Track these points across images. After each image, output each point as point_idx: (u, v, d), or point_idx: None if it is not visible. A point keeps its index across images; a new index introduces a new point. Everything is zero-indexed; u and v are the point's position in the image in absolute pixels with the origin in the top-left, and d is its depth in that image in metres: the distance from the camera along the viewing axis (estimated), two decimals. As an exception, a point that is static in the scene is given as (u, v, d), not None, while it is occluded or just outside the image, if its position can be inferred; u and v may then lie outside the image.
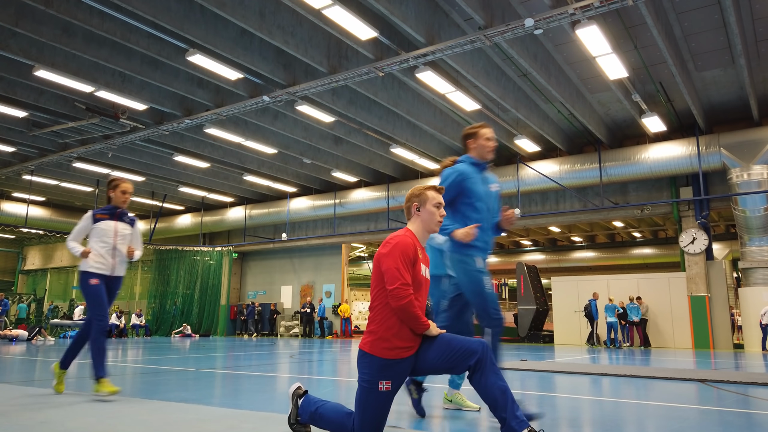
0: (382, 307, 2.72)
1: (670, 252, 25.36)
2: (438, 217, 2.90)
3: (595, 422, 3.71)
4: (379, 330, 2.69)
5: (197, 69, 11.01)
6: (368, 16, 9.16)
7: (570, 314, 17.14)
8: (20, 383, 5.42)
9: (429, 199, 2.90)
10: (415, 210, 2.92)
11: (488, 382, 2.59)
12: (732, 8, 8.57)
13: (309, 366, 8.22)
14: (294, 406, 2.95)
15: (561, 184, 15.58)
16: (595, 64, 10.33)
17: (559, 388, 5.62)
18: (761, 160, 13.15)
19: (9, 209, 21.51)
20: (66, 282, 28.95)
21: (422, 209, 2.91)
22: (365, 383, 2.66)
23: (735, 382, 5.95)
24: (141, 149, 16.21)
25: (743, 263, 14.43)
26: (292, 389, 3.02)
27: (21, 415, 3.52)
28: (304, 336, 21.23)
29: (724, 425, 3.58)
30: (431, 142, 15.78)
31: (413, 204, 2.93)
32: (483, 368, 2.61)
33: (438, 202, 2.91)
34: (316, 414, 2.83)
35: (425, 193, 2.92)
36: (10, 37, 10.12)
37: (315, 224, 22.13)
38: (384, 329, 2.68)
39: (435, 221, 2.90)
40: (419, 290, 2.77)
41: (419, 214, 2.91)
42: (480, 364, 2.61)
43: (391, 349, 2.65)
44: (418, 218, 2.91)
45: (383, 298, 2.71)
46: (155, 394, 4.69)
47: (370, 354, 2.66)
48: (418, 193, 2.94)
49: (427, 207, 2.90)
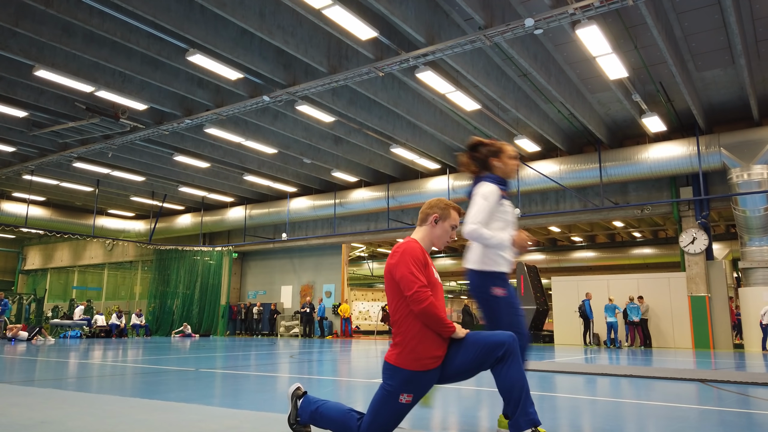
0: (404, 317, 2.65)
1: (670, 252, 25.36)
2: (449, 238, 2.89)
3: (595, 422, 3.71)
4: (405, 341, 2.62)
5: (197, 69, 11.01)
6: (368, 16, 9.16)
7: (570, 314, 17.13)
8: (20, 383, 5.42)
9: (450, 218, 2.87)
10: (433, 221, 2.87)
11: (509, 374, 2.56)
12: (732, 8, 8.57)
13: (309, 366, 8.22)
14: (293, 407, 2.93)
15: (561, 184, 15.58)
16: (595, 64, 10.33)
17: (559, 388, 5.62)
18: (761, 160, 13.15)
19: (9, 209, 21.52)
20: (66, 282, 28.98)
21: (440, 223, 2.87)
22: (387, 389, 2.63)
23: (735, 382, 5.95)
24: (141, 149, 16.21)
25: (743, 263, 14.43)
26: (291, 390, 2.99)
27: (21, 415, 3.52)
28: (304, 336, 21.23)
29: (724, 425, 3.58)
30: (431, 142, 15.78)
31: (434, 214, 2.87)
32: (508, 359, 2.56)
33: (456, 224, 2.89)
34: (316, 413, 2.80)
35: (450, 210, 2.88)
36: (10, 37, 10.12)
37: (315, 224, 22.13)
38: (410, 339, 2.61)
39: (444, 240, 2.88)
40: (436, 293, 2.72)
41: (435, 226, 2.87)
42: (507, 355, 2.56)
43: (418, 359, 2.59)
44: (432, 230, 2.87)
45: (404, 308, 2.64)
46: (155, 394, 4.69)
47: (396, 366, 2.62)
48: (443, 206, 2.89)
49: (445, 224, 2.87)
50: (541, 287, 20.14)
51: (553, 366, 7.94)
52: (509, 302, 3.20)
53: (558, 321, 17.57)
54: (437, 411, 4.02)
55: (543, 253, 29.50)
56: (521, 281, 19.23)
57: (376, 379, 6.40)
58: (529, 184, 16.05)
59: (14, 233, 25.47)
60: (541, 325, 19.35)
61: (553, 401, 4.64)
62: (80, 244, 28.10)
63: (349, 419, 2.69)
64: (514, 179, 3.11)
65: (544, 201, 17.39)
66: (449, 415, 3.95)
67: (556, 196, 17.20)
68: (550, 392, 5.25)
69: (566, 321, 17.26)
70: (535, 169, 15.67)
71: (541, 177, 15.64)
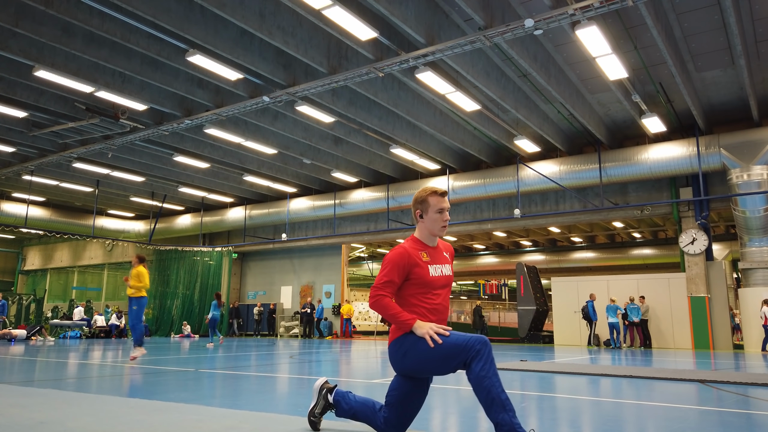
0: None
1: (670, 252, 25.36)
2: (441, 223, 2.93)
3: (596, 423, 3.71)
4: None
5: (197, 69, 11.01)
6: (368, 16, 9.16)
7: (570, 315, 17.13)
8: (20, 383, 5.42)
9: (431, 207, 2.92)
10: (418, 216, 2.97)
11: (484, 377, 2.53)
12: (732, 9, 8.57)
13: (309, 366, 8.21)
14: (322, 399, 3.13)
15: (561, 185, 15.58)
16: (595, 64, 10.33)
17: (559, 388, 5.61)
18: (761, 160, 13.15)
19: (9, 209, 21.51)
20: (66, 282, 28.96)
21: (425, 216, 2.94)
22: (402, 358, 2.86)
23: (735, 383, 5.95)
24: (141, 149, 16.21)
25: (743, 264, 14.43)
26: (318, 384, 3.20)
27: (20, 416, 3.51)
28: (304, 336, 21.23)
29: (723, 426, 3.58)
30: (431, 143, 15.78)
31: (417, 211, 2.98)
32: (479, 362, 2.55)
33: (440, 207, 2.92)
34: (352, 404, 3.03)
35: (427, 200, 2.94)
36: (10, 37, 10.12)
37: (315, 224, 22.13)
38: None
39: (438, 227, 2.93)
40: (430, 289, 2.84)
41: (423, 220, 2.95)
42: (479, 356, 2.55)
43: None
44: (422, 224, 2.96)
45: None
46: (155, 395, 4.69)
47: (396, 339, 2.85)
48: (421, 199, 2.96)
49: (430, 214, 2.93)
50: (541, 288, 20.16)
51: (552, 366, 7.94)
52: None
53: (558, 321, 17.57)
54: (437, 411, 4.02)
55: (543, 254, 29.51)
56: (521, 282, 19.24)
57: (376, 379, 6.39)
58: (528, 185, 16.05)
59: (14, 233, 25.46)
60: (541, 325, 19.36)
61: (552, 402, 4.64)
62: (80, 244, 28.09)
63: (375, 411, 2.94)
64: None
65: (543, 201, 17.40)
66: (449, 415, 3.94)
67: (556, 197, 17.20)
68: (550, 392, 5.25)
69: (566, 321, 17.26)
70: (534, 169, 15.67)
71: (540, 177, 15.63)
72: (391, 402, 2.83)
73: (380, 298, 2.77)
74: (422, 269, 2.82)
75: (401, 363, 2.78)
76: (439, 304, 2.86)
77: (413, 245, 2.90)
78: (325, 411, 3.12)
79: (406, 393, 2.81)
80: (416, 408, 2.85)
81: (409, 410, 2.83)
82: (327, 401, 3.10)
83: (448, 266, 2.97)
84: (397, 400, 2.82)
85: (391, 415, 2.82)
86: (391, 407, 2.83)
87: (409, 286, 2.83)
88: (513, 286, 30.08)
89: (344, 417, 3.04)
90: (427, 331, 2.66)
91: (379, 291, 2.78)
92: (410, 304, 2.82)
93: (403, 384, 2.82)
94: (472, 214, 18.63)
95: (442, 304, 2.87)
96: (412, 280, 2.81)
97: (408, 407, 2.83)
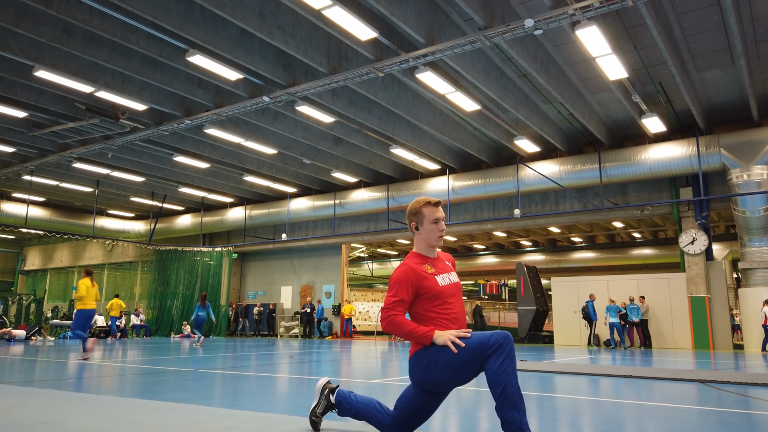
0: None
1: (670, 252, 25.36)
2: (437, 233, 2.90)
3: (596, 423, 3.71)
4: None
5: (197, 69, 11.00)
6: (368, 16, 9.16)
7: (570, 315, 17.13)
8: (19, 384, 5.42)
9: (425, 218, 2.90)
10: (413, 229, 2.95)
11: (502, 372, 2.53)
12: (732, 9, 8.57)
13: (309, 366, 8.21)
14: (324, 399, 3.11)
15: (561, 185, 15.58)
16: (595, 64, 10.32)
17: (559, 388, 5.61)
18: (761, 160, 13.15)
19: (9, 209, 21.51)
20: (66, 282, 28.97)
21: (421, 228, 2.92)
22: (425, 368, 2.83)
23: (735, 383, 5.95)
24: (141, 149, 16.21)
25: (743, 264, 14.43)
26: (320, 384, 3.18)
27: (20, 416, 3.51)
28: (304, 336, 21.23)
29: (723, 426, 3.58)
30: (431, 143, 15.78)
31: (412, 223, 2.95)
32: (500, 356, 2.53)
33: (435, 218, 2.90)
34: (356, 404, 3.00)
35: (421, 211, 2.91)
36: (10, 37, 10.12)
37: (315, 224, 22.13)
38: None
39: (435, 237, 2.90)
40: (444, 299, 2.80)
41: (419, 231, 2.93)
42: (500, 350, 2.53)
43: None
44: (419, 236, 2.94)
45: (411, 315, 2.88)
46: (155, 395, 4.69)
47: (417, 351, 2.81)
48: (415, 211, 2.94)
49: (425, 225, 2.91)
50: (541, 288, 20.15)
51: (552, 366, 7.94)
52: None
53: (558, 321, 17.56)
54: (437, 411, 4.02)
55: (543, 254, 29.50)
56: (521, 282, 19.24)
57: (376, 379, 6.39)
58: (528, 185, 16.05)
59: (14, 233, 25.46)
60: (541, 325, 19.35)
61: (553, 402, 4.64)
62: (80, 244, 28.10)
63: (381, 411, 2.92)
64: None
65: (543, 201, 17.39)
66: (449, 415, 3.94)
67: (556, 197, 17.20)
68: (550, 393, 5.25)
69: (566, 321, 17.25)
70: (534, 169, 15.67)
71: (540, 177, 15.63)
72: (402, 410, 2.82)
73: (393, 318, 2.73)
74: (430, 281, 2.80)
75: (423, 375, 2.72)
76: (457, 313, 2.82)
77: (415, 260, 2.88)
78: (326, 411, 3.12)
79: (418, 407, 2.79)
80: (425, 418, 2.84)
81: (417, 419, 2.82)
82: (329, 401, 3.10)
83: (454, 273, 2.96)
84: (408, 412, 2.80)
85: (399, 419, 2.82)
86: (400, 412, 2.82)
87: (421, 301, 2.79)
88: (513, 286, 30.06)
89: (346, 416, 3.04)
90: (448, 338, 2.64)
91: (390, 311, 2.74)
92: (428, 319, 2.77)
93: (418, 396, 2.79)
94: (472, 214, 18.63)
95: (458, 312, 2.84)
96: (423, 294, 2.78)
97: (417, 417, 2.82)
